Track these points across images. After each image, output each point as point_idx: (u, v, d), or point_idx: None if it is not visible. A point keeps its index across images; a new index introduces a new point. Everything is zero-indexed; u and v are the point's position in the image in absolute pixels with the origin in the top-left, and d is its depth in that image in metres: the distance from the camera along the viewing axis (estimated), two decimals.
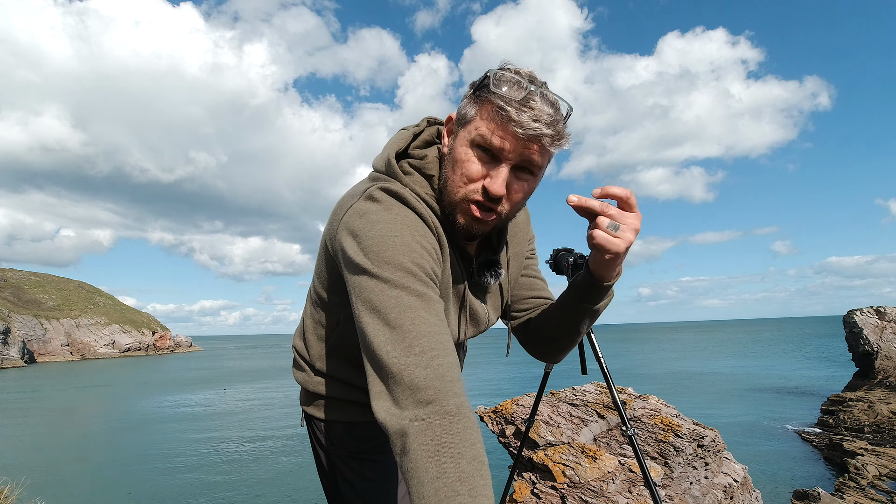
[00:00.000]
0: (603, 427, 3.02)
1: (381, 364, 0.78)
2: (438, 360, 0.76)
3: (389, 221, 0.90)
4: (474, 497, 0.66)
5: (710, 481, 2.95)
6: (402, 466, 0.72)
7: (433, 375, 0.74)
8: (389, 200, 0.93)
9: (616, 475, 2.63)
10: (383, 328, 0.80)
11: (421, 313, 0.81)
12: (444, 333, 0.81)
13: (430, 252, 0.92)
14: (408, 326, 0.78)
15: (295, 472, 16.87)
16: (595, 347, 2.19)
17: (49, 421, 27.98)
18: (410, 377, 0.74)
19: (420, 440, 0.70)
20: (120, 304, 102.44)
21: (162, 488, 15.47)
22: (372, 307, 0.82)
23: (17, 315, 79.34)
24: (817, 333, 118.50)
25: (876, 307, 24.71)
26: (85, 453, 20.30)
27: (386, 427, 0.74)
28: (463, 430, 0.71)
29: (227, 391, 32.70)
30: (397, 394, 0.75)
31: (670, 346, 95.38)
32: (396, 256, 0.85)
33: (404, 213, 0.92)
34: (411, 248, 0.87)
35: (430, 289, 0.86)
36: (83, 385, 46.92)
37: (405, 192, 0.95)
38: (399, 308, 0.81)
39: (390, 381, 0.76)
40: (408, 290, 0.82)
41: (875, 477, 14.01)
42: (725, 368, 48.19)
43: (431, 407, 0.72)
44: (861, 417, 19.76)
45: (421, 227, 0.93)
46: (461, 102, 1.00)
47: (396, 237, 0.87)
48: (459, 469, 0.67)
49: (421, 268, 0.86)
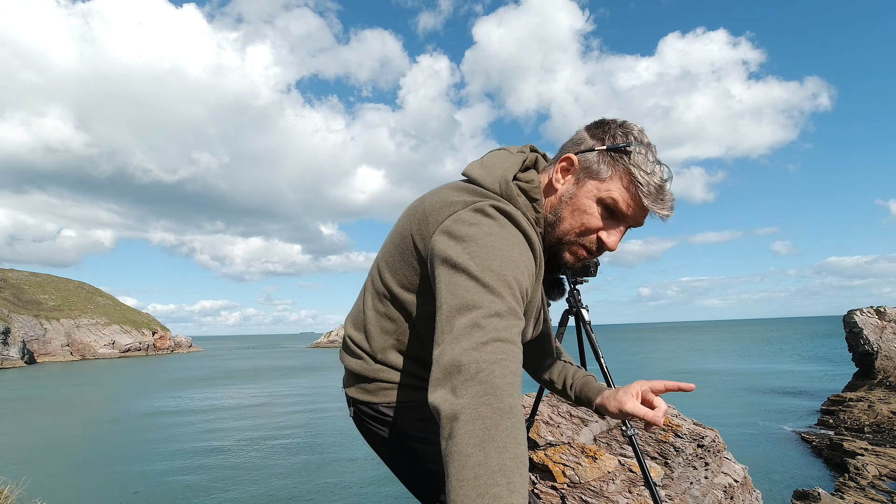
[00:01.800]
0: (603, 427, 3.02)
1: (452, 354, 0.81)
2: (506, 363, 0.80)
3: (503, 237, 0.95)
4: (511, 492, 0.68)
5: (710, 481, 2.95)
6: (445, 450, 0.75)
7: (498, 373, 0.78)
8: (502, 219, 0.99)
9: (616, 475, 2.63)
10: (467, 324, 0.83)
11: (505, 322, 0.85)
12: (518, 346, 0.85)
13: (530, 274, 0.98)
14: (489, 329, 0.82)
15: (298, 470, 16.87)
16: (595, 347, 2.19)
17: (49, 421, 27.96)
18: (475, 369, 0.78)
19: (469, 427, 0.72)
20: (120, 305, 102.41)
21: (163, 488, 15.47)
22: (463, 304, 0.86)
23: (17, 315, 79.32)
24: (817, 333, 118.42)
25: (876, 307, 24.71)
26: (85, 453, 20.29)
27: (438, 410, 0.78)
28: (511, 428, 0.73)
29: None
30: (457, 382, 0.78)
31: (670, 346, 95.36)
32: (502, 268, 0.90)
33: (516, 233, 0.99)
34: (516, 265, 0.93)
35: (519, 306, 0.90)
36: (83, 385, 46.91)
37: (518, 214, 1.01)
38: None
39: (454, 370, 0.79)
40: (502, 300, 0.86)
41: (875, 477, 14.00)
42: (725, 368, 48.18)
43: (486, 399, 0.75)
44: (861, 417, 19.76)
45: (527, 249, 0.99)
46: (589, 153, 1.06)
47: (506, 251, 0.93)
48: (501, 462, 0.69)
49: (519, 285, 0.91)
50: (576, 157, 1.07)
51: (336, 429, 23.90)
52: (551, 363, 1.44)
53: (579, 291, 2.23)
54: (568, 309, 2.24)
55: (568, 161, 1.08)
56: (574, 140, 1.12)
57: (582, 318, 2.21)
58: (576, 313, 2.22)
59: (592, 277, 2.20)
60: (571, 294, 2.23)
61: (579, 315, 2.21)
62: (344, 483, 15.60)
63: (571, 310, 2.23)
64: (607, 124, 1.09)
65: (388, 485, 15.14)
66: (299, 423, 25.43)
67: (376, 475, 16.18)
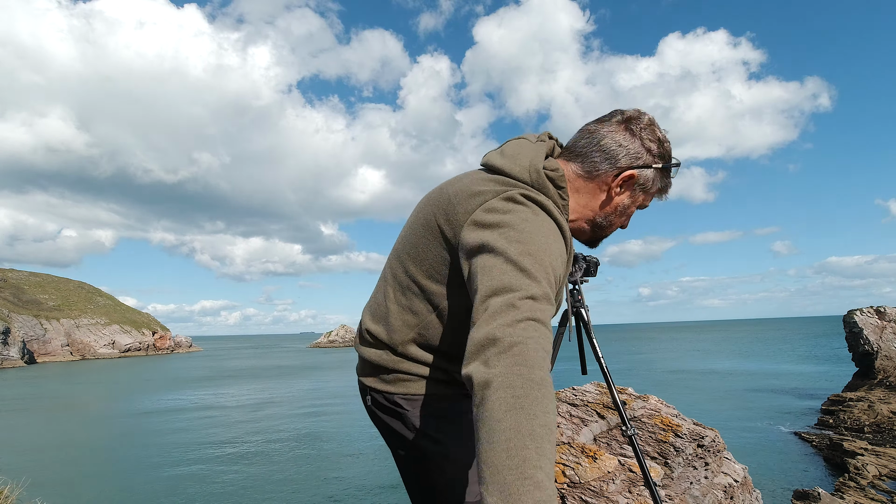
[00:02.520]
0: (603, 427, 3.02)
1: (487, 329, 0.83)
2: (538, 339, 0.83)
3: (538, 224, 1.00)
4: (540, 456, 0.71)
5: (710, 481, 2.95)
6: (476, 415, 0.77)
7: (531, 347, 0.81)
8: (535, 207, 1.04)
9: (616, 475, 2.63)
10: (503, 304, 0.86)
11: (539, 305, 0.88)
12: (549, 329, 0.88)
13: (563, 262, 1.03)
14: (523, 309, 0.85)
15: (298, 470, 16.88)
16: (595, 347, 2.19)
17: (49, 421, 27.98)
18: (508, 342, 0.81)
19: (500, 394, 0.76)
20: (120, 305, 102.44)
21: (163, 487, 15.48)
22: (500, 287, 0.88)
23: (17, 315, 79.34)
24: (817, 333, 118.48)
25: (876, 307, 24.72)
26: (85, 453, 20.31)
27: (471, 379, 0.80)
28: (542, 398, 0.76)
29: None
30: (490, 354, 0.81)
31: (670, 346, 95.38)
32: (539, 253, 0.94)
33: (549, 221, 1.04)
34: (551, 252, 0.97)
35: (552, 291, 0.93)
36: (83, 385, 46.92)
37: (549, 203, 1.06)
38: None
39: (489, 344, 0.82)
40: (538, 284, 0.90)
41: (875, 477, 14.01)
42: (725, 368, 48.21)
43: (518, 369, 0.78)
44: (861, 417, 19.76)
45: (560, 237, 1.04)
46: (647, 170, 1.16)
47: (542, 238, 0.97)
48: (531, 428, 0.73)
49: (554, 271, 0.95)
50: (637, 174, 1.16)
51: (336, 428, 23.90)
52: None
53: (580, 291, 2.23)
54: (568, 309, 2.24)
55: (632, 178, 1.16)
56: (622, 147, 1.15)
57: (582, 318, 2.21)
58: (576, 313, 2.22)
59: (592, 277, 2.21)
60: (572, 294, 2.23)
61: (579, 315, 2.21)
62: (344, 483, 15.61)
63: (572, 310, 2.23)
64: (650, 128, 1.16)
65: (388, 484, 15.15)
66: (299, 423, 25.43)
67: (376, 475, 16.19)
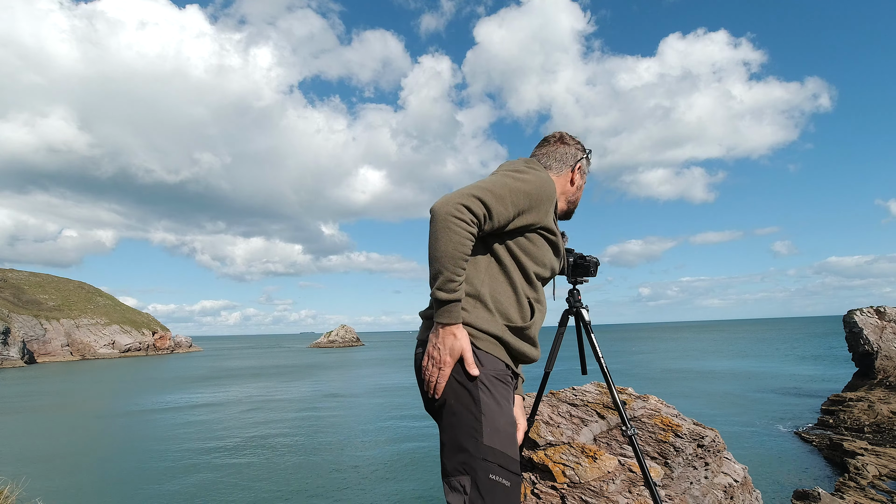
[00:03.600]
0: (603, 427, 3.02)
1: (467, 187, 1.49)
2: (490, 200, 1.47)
3: (533, 169, 1.66)
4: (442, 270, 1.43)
5: (710, 481, 2.95)
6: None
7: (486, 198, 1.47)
8: (532, 161, 1.77)
9: (616, 475, 2.63)
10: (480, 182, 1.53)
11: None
12: (474, 196, 1.44)
13: (551, 201, 1.63)
14: (495, 189, 1.51)
15: (298, 469, 16.87)
16: (595, 347, 2.19)
17: (49, 421, 27.97)
18: (469, 191, 1.45)
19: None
20: (120, 305, 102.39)
21: (163, 486, 15.47)
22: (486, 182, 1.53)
23: (17, 315, 79.31)
24: (817, 333, 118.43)
25: (876, 307, 24.71)
26: (85, 453, 20.29)
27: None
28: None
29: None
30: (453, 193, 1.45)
31: (670, 345, 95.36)
32: (517, 184, 1.55)
33: (544, 172, 1.68)
34: (531, 184, 1.58)
35: (502, 204, 1.50)
36: (83, 385, 46.91)
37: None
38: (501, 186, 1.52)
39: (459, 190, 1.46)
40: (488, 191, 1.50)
41: (875, 477, 14.00)
42: (725, 368, 48.18)
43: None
44: (861, 417, 19.76)
45: (551, 183, 1.65)
46: (579, 162, 1.89)
47: (529, 176, 1.59)
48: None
49: (527, 196, 1.55)
50: (581, 164, 1.90)
51: (336, 428, 23.90)
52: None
53: (579, 291, 2.23)
54: (568, 309, 2.24)
55: (580, 167, 1.90)
56: (567, 153, 1.88)
57: (582, 318, 2.21)
58: (576, 313, 2.22)
59: (592, 277, 2.21)
60: (571, 294, 2.23)
61: (579, 315, 2.21)
62: (345, 480, 15.61)
63: (571, 310, 2.23)
64: (570, 137, 1.92)
65: (388, 484, 15.15)
66: (299, 422, 25.42)
67: (377, 473, 16.19)
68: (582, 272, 2.18)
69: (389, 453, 18.86)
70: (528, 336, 1.57)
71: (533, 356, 1.62)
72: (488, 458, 1.37)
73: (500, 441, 1.39)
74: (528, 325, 1.55)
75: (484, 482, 1.35)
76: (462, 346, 1.42)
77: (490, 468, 1.37)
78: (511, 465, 1.40)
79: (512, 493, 1.39)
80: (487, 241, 1.58)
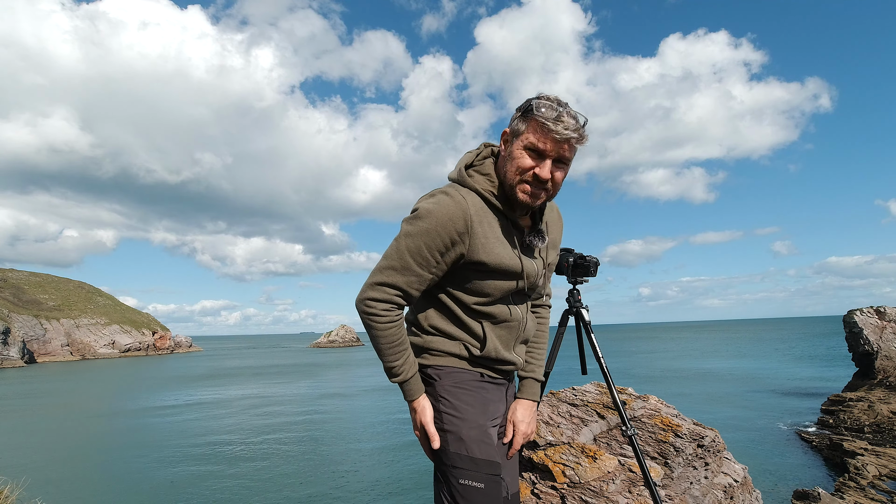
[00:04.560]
0: (603, 427, 3.02)
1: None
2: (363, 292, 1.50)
3: (431, 209, 1.43)
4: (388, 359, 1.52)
5: (710, 481, 2.95)
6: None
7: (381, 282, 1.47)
8: (438, 197, 1.45)
9: (616, 475, 2.63)
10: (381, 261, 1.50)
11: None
12: (380, 283, 1.46)
13: (449, 233, 1.42)
14: (395, 263, 1.45)
15: (298, 468, 16.88)
16: (595, 347, 2.19)
17: (49, 421, 27.97)
18: (371, 279, 1.47)
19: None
20: (120, 305, 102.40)
21: (163, 487, 15.48)
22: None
23: (17, 315, 79.32)
24: (817, 333, 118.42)
25: (876, 307, 24.71)
26: (85, 453, 20.30)
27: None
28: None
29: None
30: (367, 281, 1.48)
31: (670, 345, 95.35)
32: (408, 241, 1.44)
33: (447, 203, 1.43)
34: (425, 235, 1.43)
35: (398, 272, 1.45)
36: (83, 385, 46.91)
37: (453, 190, 1.48)
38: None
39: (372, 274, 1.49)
40: (384, 267, 1.48)
41: (875, 477, 14.00)
42: (725, 368, 48.19)
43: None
44: (861, 417, 19.76)
45: (456, 212, 1.42)
46: (512, 122, 1.47)
47: (424, 223, 1.42)
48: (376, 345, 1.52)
49: (423, 250, 1.43)
50: (507, 130, 1.49)
51: (335, 427, 23.91)
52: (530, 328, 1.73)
53: (579, 291, 2.23)
54: (568, 309, 2.24)
55: (504, 134, 1.51)
56: (505, 134, 1.52)
57: (582, 318, 2.21)
58: (576, 313, 2.22)
59: (592, 277, 2.21)
60: (571, 294, 2.23)
61: (579, 315, 2.21)
62: (345, 479, 15.61)
63: (571, 310, 2.23)
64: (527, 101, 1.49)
65: (388, 480, 15.15)
66: (299, 421, 25.42)
67: (377, 471, 16.19)
68: (582, 272, 2.18)
69: (389, 453, 18.86)
70: (488, 359, 1.57)
71: (506, 369, 1.64)
72: (457, 465, 1.45)
73: (465, 447, 1.46)
74: (482, 354, 1.55)
75: (457, 488, 1.44)
76: (423, 421, 1.51)
77: (460, 474, 1.45)
78: (483, 468, 1.45)
79: (489, 493, 1.44)
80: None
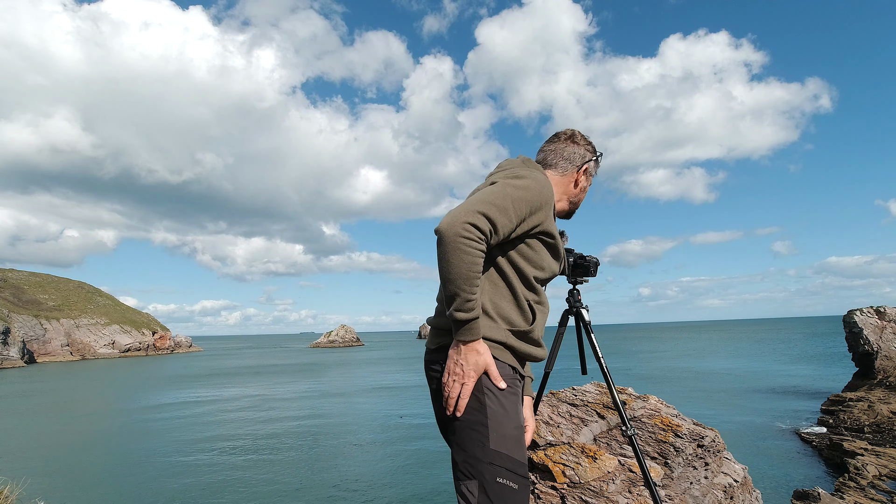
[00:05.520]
0: (603, 427, 3.02)
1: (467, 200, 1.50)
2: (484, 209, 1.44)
3: (532, 174, 1.61)
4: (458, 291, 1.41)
5: (710, 481, 2.95)
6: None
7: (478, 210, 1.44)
8: (533, 169, 1.69)
9: (616, 475, 2.63)
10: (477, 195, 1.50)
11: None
12: (481, 213, 1.43)
13: (546, 202, 1.58)
14: (498, 202, 1.47)
15: (298, 467, 16.88)
16: (595, 347, 2.19)
17: (49, 421, 27.97)
18: (474, 207, 1.41)
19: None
20: (120, 305, 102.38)
21: (163, 486, 15.48)
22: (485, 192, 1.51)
23: (17, 315, 79.30)
24: (817, 333, 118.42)
25: (876, 307, 24.71)
26: (85, 453, 20.30)
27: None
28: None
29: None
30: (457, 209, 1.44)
31: (670, 345, 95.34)
32: (516, 192, 1.52)
33: (542, 176, 1.64)
34: (531, 191, 1.55)
35: (504, 216, 1.47)
36: (83, 385, 46.91)
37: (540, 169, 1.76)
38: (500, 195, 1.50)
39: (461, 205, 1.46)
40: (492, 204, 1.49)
41: (875, 477, 14.00)
42: (725, 368, 48.19)
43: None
44: (861, 417, 19.76)
45: (549, 186, 1.61)
46: (587, 157, 1.87)
47: (529, 182, 1.56)
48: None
49: (527, 203, 1.53)
50: (588, 166, 1.86)
51: (335, 427, 23.91)
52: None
53: (579, 291, 2.23)
54: (568, 309, 2.24)
55: (586, 168, 1.87)
56: (575, 153, 1.85)
57: (582, 318, 2.21)
58: (576, 313, 2.22)
59: (592, 277, 2.21)
60: (571, 294, 2.23)
61: (579, 315, 2.21)
62: (345, 477, 15.61)
63: (571, 310, 2.23)
64: (581, 136, 1.88)
65: (388, 483, 15.15)
66: (299, 421, 25.42)
67: (376, 473, 16.19)
68: (582, 272, 2.18)
69: (389, 453, 18.86)
70: (531, 338, 1.60)
71: (539, 356, 1.66)
72: (495, 462, 1.41)
73: (506, 445, 1.43)
74: (531, 329, 1.58)
75: (492, 486, 1.39)
76: (486, 361, 1.45)
77: (497, 472, 1.40)
78: (518, 469, 1.44)
79: (520, 495, 1.42)
80: (488, 251, 1.58)
